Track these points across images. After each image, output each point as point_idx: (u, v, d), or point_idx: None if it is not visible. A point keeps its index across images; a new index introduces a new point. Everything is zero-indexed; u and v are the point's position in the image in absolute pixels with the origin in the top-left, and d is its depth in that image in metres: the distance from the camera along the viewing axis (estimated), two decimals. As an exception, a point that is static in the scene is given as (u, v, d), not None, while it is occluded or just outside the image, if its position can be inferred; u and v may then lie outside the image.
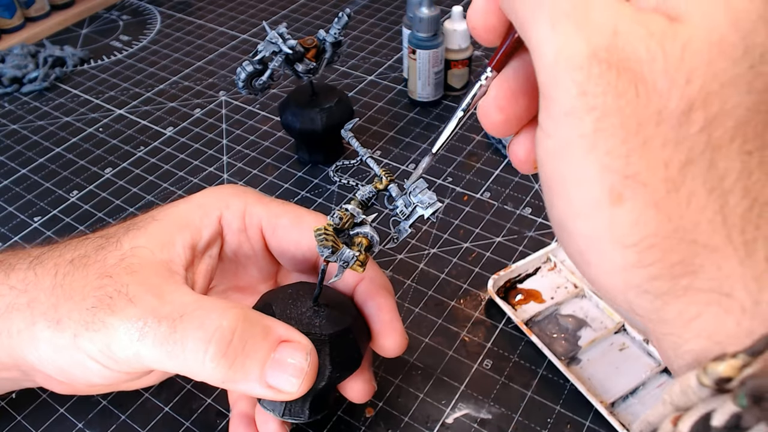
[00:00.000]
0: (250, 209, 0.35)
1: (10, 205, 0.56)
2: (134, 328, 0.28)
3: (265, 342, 0.28)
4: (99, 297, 0.29)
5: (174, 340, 0.28)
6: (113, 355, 0.28)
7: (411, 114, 0.64)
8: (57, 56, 0.74)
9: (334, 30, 0.51)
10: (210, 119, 0.65)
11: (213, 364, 0.27)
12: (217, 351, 0.27)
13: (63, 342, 0.29)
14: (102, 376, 0.29)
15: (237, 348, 0.28)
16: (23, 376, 0.33)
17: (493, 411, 0.38)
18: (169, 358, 0.28)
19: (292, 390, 0.28)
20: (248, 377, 0.28)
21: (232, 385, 0.28)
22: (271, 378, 0.28)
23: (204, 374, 0.28)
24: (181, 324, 0.28)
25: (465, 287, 0.46)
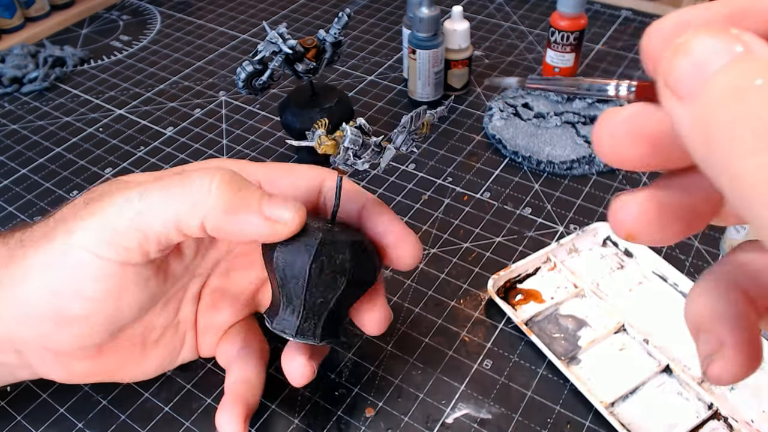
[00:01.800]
0: (246, 168, 0.36)
1: (10, 205, 0.56)
2: (134, 192, 0.30)
3: (260, 189, 0.31)
4: (91, 197, 0.31)
5: (179, 181, 0.30)
6: (110, 230, 0.29)
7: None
8: (57, 56, 0.74)
9: (334, 30, 0.51)
10: (210, 119, 0.65)
11: (218, 189, 0.29)
12: (222, 180, 0.30)
13: (54, 250, 0.30)
14: (95, 276, 0.30)
15: (238, 183, 0.30)
16: (18, 360, 0.33)
17: (493, 411, 0.38)
18: (173, 199, 0.29)
19: (287, 218, 0.30)
20: (249, 207, 0.30)
21: (233, 219, 0.29)
22: (267, 209, 0.30)
23: (208, 202, 0.29)
24: (185, 172, 0.30)
25: (465, 287, 0.46)
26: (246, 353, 0.37)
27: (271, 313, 0.33)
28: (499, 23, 0.79)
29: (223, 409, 0.34)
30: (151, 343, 0.36)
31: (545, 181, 0.55)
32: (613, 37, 0.76)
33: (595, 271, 0.46)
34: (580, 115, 0.59)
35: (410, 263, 0.35)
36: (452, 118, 0.63)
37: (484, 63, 0.72)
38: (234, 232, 0.30)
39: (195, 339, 0.38)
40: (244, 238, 0.30)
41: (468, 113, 0.63)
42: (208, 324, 0.38)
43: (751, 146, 0.13)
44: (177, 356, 0.38)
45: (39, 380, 0.40)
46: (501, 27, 0.79)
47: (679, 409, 0.37)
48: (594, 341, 0.41)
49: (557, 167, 0.55)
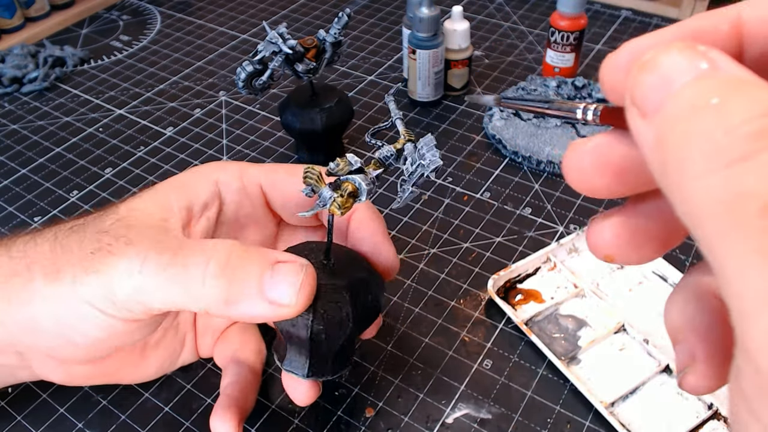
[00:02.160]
0: (246, 171, 0.36)
1: (10, 205, 0.56)
2: (136, 261, 0.29)
3: (263, 259, 0.29)
4: (98, 246, 0.30)
5: (175, 263, 0.28)
6: (112, 295, 0.28)
7: (411, 114, 0.64)
8: (57, 56, 0.74)
9: (334, 30, 0.51)
10: (210, 119, 0.65)
11: (213, 281, 0.28)
12: (216, 268, 0.28)
13: (61, 291, 0.29)
14: (101, 326, 0.29)
15: (235, 265, 0.28)
16: (19, 361, 0.33)
17: (493, 411, 0.38)
18: (170, 283, 0.28)
19: (291, 302, 0.28)
20: (249, 294, 0.28)
21: (234, 308, 0.28)
22: (269, 291, 0.28)
23: (205, 296, 0.28)
24: (182, 251, 0.29)
25: (465, 287, 0.46)
26: (242, 355, 0.37)
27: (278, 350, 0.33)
28: (499, 23, 0.79)
29: (216, 413, 0.34)
30: (151, 346, 0.36)
31: (545, 181, 0.55)
32: (613, 37, 0.76)
33: (595, 271, 0.46)
34: (580, 115, 0.59)
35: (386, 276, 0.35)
36: (452, 118, 0.63)
37: (484, 63, 0.72)
38: (240, 317, 0.29)
39: (195, 340, 0.38)
40: (253, 320, 0.30)
41: (468, 113, 0.63)
42: (206, 325, 0.38)
43: (700, 168, 0.13)
44: (177, 358, 0.38)
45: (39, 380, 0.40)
46: (501, 27, 0.79)
47: (679, 409, 0.37)
48: (594, 341, 0.41)
49: (557, 167, 0.55)
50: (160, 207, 0.32)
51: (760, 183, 0.12)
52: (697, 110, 0.13)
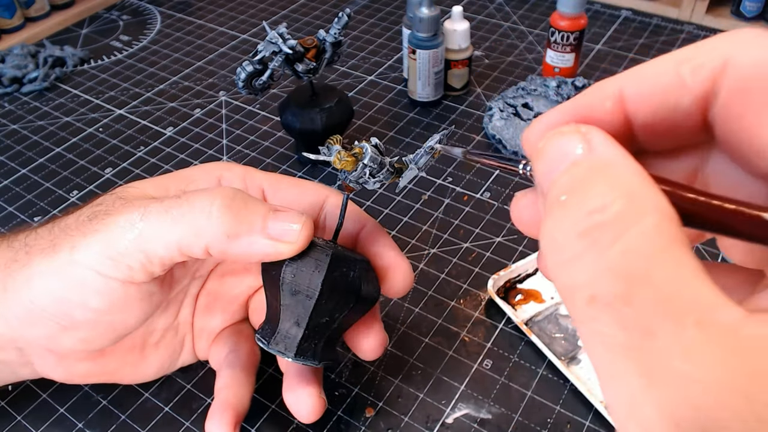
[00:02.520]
0: (251, 174, 0.36)
1: (10, 205, 0.56)
2: (136, 213, 0.29)
3: (264, 205, 0.30)
4: (95, 213, 0.30)
5: (180, 203, 0.29)
6: (112, 250, 0.29)
7: (411, 114, 0.64)
8: (57, 56, 0.74)
9: (334, 30, 0.51)
10: (210, 119, 0.65)
11: (218, 212, 0.28)
12: (223, 203, 0.29)
13: (58, 262, 0.29)
14: (99, 291, 0.29)
15: (239, 203, 0.29)
16: (19, 358, 0.33)
17: (493, 411, 0.38)
18: (173, 222, 0.29)
19: (293, 238, 0.29)
20: (252, 228, 0.29)
21: (236, 243, 0.29)
22: (272, 228, 0.29)
23: (209, 228, 0.28)
24: (186, 195, 0.30)
25: (465, 287, 0.46)
26: (234, 357, 0.37)
27: (266, 333, 0.32)
28: (499, 23, 0.79)
29: (212, 417, 0.34)
30: (151, 346, 0.36)
31: (545, 181, 0.55)
32: (613, 37, 0.76)
33: (595, 271, 0.46)
34: (580, 115, 0.59)
35: (400, 290, 0.34)
36: (452, 118, 0.63)
37: (484, 63, 0.72)
38: (239, 254, 0.29)
39: (193, 342, 0.38)
40: (250, 259, 0.30)
41: (468, 113, 0.63)
42: (202, 327, 0.38)
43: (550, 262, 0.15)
44: (177, 359, 0.38)
45: (39, 380, 0.40)
46: (501, 27, 0.79)
47: (679, 409, 0.37)
48: (594, 341, 0.41)
49: (557, 167, 0.55)
50: (156, 187, 0.33)
51: (587, 277, 0.14)
52: (552, 207, 0.15)
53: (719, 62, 0.15)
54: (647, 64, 0.17)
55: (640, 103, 0.17)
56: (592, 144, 0.15)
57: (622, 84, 0.17)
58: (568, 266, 0.14)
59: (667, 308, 0.13)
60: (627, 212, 0.13)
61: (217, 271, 0.38)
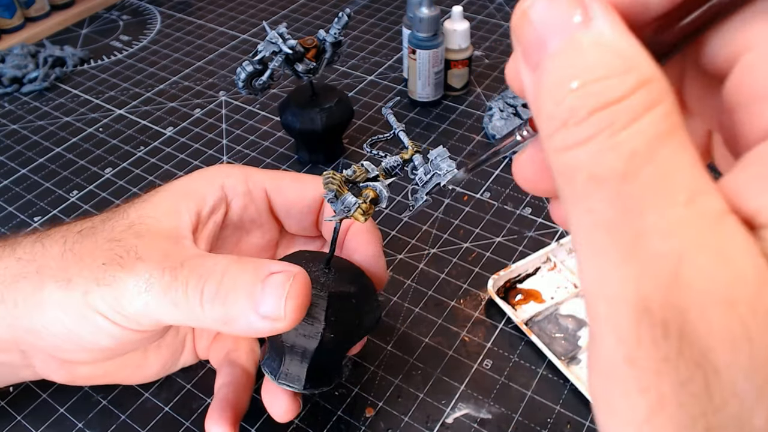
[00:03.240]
0: (252, 175, 0.36)
1: (10, 205, 0.56)
2: (142, 280, 0.29)
3: (255, 274, 0.28)
4: (109, 257, 0.30)
5: (176, 287, 0.28)
6: (123, 309, 0.29)
7: (411, 114, 0.64)
8: (57, 56, 0.74)
9: (334, 30, 0.51)
10: (210, 119, 0.65)
11: (209, 305, 0.28)
12: (211, 292, 0.28)
13: (73, 300, 0.29)
14: (112, 335, 0.30)
15: (228, 285, 0.28)
16: (22, 360, 0.33)
17: (493, 411, 0.38)
18: (174, 306, 0.29)
19: (279, 313, 0.28)
20: (243, 312, 0.28)
21: (233, 326, 0.29)
22: (261, 307, 0.28)
23: (205, 318, 0.29)
24: (182, 271, 0.29)
25: (465, 287, 0.46)
26: (234, 356, 0.37)
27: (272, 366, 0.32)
28: (499, 23, 0.79)
29: (211, 415, 0.34)
30: (153, 347, 0.36)
31: (545, 181, 0.55)
32: (613, 37, 0.76)
33: (595, 271, 0.46)
34: (580, 115, 0.59)
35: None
36: (452, 118, 0.63)
37: (484, 63, 0.72)
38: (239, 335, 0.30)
39: (194, 341, 0.38)
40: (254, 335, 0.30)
41: (468, 113, 0.63)
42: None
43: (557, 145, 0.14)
44: (178, 359, 0.38)
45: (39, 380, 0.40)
46: (501, 27, 0.79)
47: (679, 409, 0.37)
48: (594, 341, 0.41)
49: (557, 167, 0.55)
50: (170, 214, 0.33)
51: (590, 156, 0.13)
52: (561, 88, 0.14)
53: None
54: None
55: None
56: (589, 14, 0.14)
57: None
58: (574, 147, 0.14)
59: (663, 185, 0.13)
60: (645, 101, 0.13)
61: None
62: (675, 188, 0.13)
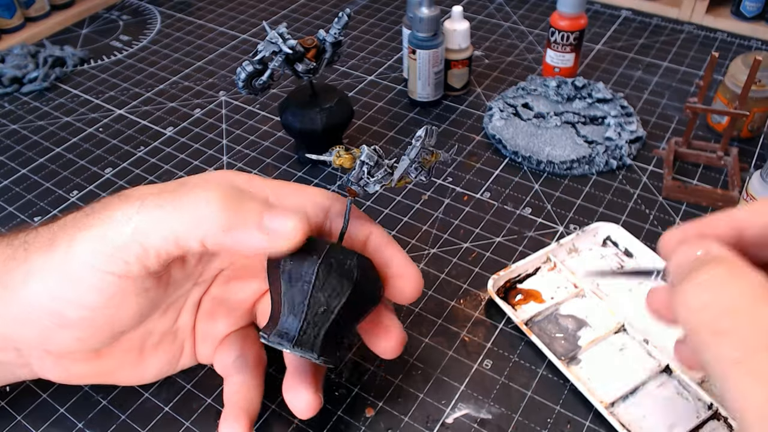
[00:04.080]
0: (254, 182, 0.36)
1: (10, 205, 0.56)
2: (133, 206, 0.29)
3: (261, 200, 0.31)
4: (93, 209, 0.30)
5: (176, 196, 0.29)
6: (109, 243, 0.29)
7: (411, 114, 0.64)
8: (57, 56, 0.74)
9: (334, 30, 0.51)
10: (210, 119, 0.65)
11: (216, 204, 0.29)
12: (220, 195, 0.29)
13: (55, 259, 0.29)
14: (95, 286, 0.29)
15: (236, 197, 0.30)
16: (17, 358, 0.33)
17: (493, 411, 0.38)
18: (170, 213, 0.29)
19: (288, 230, 0.29)
20: (247, 222, 0.29)
21: (232, 235, 0.29)
22: (268, 222, 0.29)
23: (206, 220, 0.29)
24: (184, 186, 0.30)
25: (465, 287, 0.46)
26: (242, 362, 0.37)
27: (267, 328, 0.32)
28: (499, 23, 0.79)
29: (225, 422, 0.34)
30: (149, 349, 0.36)
31: (545, 181, 0.55)
32: (613, 37, 0.76)
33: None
34: (580, 115, 0.59)
35: (410, 296, 0.35)
36: (452, 118, 0.63)
37: (484, 63, 0.72)
38: (234, 247, 0.30)
39: (193, 347, 0.38)
40: (246, 252, 0.30)
41: (468, 113, 0.63)
42: (206, 332, 0.38)
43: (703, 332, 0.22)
44: (176, 363, 0.38)
45: (39, 380, 0.40)
46: (501, 27, 0.79)
47: (679, 409, 0.37)
48: (594, 341, 0.41)
49: (557, 167, 0.55)
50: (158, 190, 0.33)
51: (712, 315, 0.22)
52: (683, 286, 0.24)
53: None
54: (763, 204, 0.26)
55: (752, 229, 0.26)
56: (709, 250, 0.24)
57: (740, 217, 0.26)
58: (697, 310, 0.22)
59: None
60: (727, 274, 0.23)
61: (221, 276, 0.38)
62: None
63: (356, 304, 0.32)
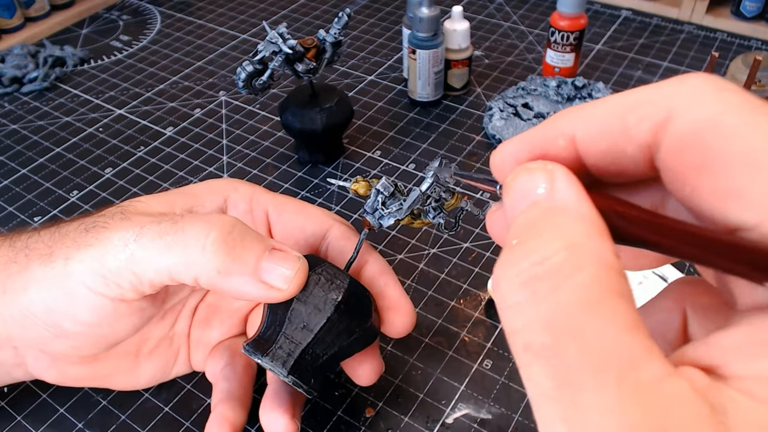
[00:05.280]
0: (258, 196, 0.36)
1: (10, 205, 0.56)
2: (131, 232, 0.29)
3: (262, 242, 0.29)
4: (94, 224, 0.30)
5: (174, 230, 0.28)
6: (104, 268, 0.28)
7: (411, 114, 0.64)
8: (57, 56, 0.74)
9: (334, 30, 0.51)
10: (210, 119, 0.65)
11: (212, 247, 0.28)
12: (219, 236, 0.28)
13: (53, 273, 0.29)
14: (89, 306, 0.29)
15: (236, 238, 0.29)
16: (14, 358, 0.33)
17: (493, 411, 0.38)
18: (166, 249, 0.28)
19: (283, 285, 0.28)
20: (244, 268, 0.28)
21: (226, 280, 0.28)
22: (264, 273, 0.28)
23: (201, 262, 0.28)
24: (183, 219, 0.29)
25: (465, 287, 0.46)
26: (230, 371, 0.36)
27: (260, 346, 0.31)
28: (499, 23, 0.79)
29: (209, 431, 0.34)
30: (145, 354, 0.36)
31: (545, 181, 0.55)
32: (613, 37, 0.76)
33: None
34: (580, 115, 0.59)
35: (401, 329, 0.34)
36: (452, 118, 0.63)
37: (484, 63, 0.72)
38: (228, 292, 0.29)
39: (188, 353, 0.38)
40: (240, 298, 0.30)
41: (468, 113, 0.63)
42: (200, 338, 0.38)
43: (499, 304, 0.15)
44: (171, 369, 0.38)
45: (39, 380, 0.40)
46: (501, 27, 0.79)
47: (679, 409, 0.37)
48: (594, 341, 0.41)
49: (557, 167, 0.55)
50: (162, 204, 0.33)
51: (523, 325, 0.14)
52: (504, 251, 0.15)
53: (662, 116, 0.15)
54: (599, 103, 0.17)
55: (590, 144, 0.17)
56: (554, 184, 0.16)
57: (573, 123, 0.17)
58: (510, 311, 0.14)
59: (591, 363, 0.13)
60: (565, 265, 0.14)
61: None
62: (604, 366, 0.13)
63: (342, 332, 0.31)
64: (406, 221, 0.32)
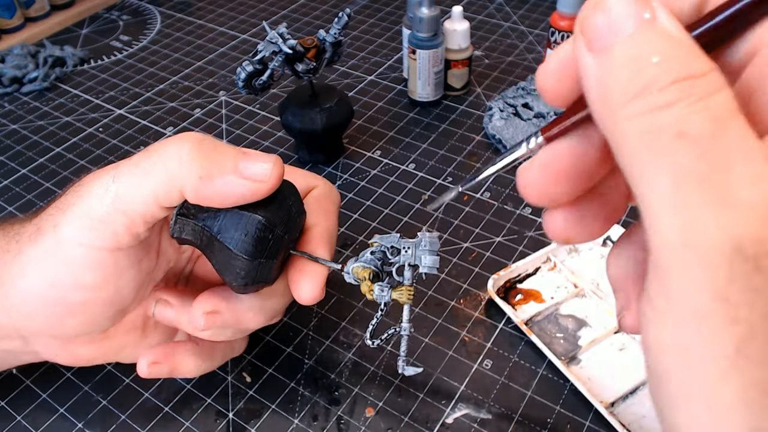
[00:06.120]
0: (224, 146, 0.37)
1: (10, 205, 0.56)
2: (107, 177, 0.29)
3: (233, 147, 0.30)
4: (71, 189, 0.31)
5: (148, 155, 0.29)
6: (93, 218, 0.29)
7: (411, 114, 0.64)
8: (57, 56, 0.74)
9: (334, 30, 0.51)
10: (210, 119, 0.65)
11: (190, 156, 0.29)
12: (192, 146, 0.29)
13: (46, 245, 0.30)
14: (88, 265, 0.29)
15: (209, 146, 0.29)
16: (23, 346, 0.34)
17: (493, 411, 0.38)
18: (146, 175, 0.29)
19: (265, 173, 0.29)
20: (224, 169, 0.29)
21: (210, 184, 0.29)
22: (245, 170, 0.29)
23: (183, 171, 0.29)
24: (153, 146, 0.30)
25: (465, 287, 0.46)
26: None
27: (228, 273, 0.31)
28: (499, 23, 0.79)
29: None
30: (150, 327, 0.37)
31: (545, 181, 0.55)
32: (613, 37, 0.76)
33: (595, 271, 0.46)
34: (580, 115, 0.59)
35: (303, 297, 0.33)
36: (452, 118, 0.63)
37: (484, 63, 0.72)
38: (215, 195, 0.29)
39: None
40: (227, 200, 0.30)
41: (468, 113, 0.63)
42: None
43: (634, 109, 0.16)
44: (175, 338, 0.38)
45: (39, 379, 0.40)
46: (501, 27, 0.79)
47: (679, 409, 0.37)
48: (594, 341, 0.41)
49: (557, 167, 0.55)
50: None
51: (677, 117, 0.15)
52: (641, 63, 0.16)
53: None
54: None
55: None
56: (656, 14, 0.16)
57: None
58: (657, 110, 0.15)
59: (744, 145, 0.15)
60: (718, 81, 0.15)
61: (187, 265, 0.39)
62: (753, 148, 0.15)
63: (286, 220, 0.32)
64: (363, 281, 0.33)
